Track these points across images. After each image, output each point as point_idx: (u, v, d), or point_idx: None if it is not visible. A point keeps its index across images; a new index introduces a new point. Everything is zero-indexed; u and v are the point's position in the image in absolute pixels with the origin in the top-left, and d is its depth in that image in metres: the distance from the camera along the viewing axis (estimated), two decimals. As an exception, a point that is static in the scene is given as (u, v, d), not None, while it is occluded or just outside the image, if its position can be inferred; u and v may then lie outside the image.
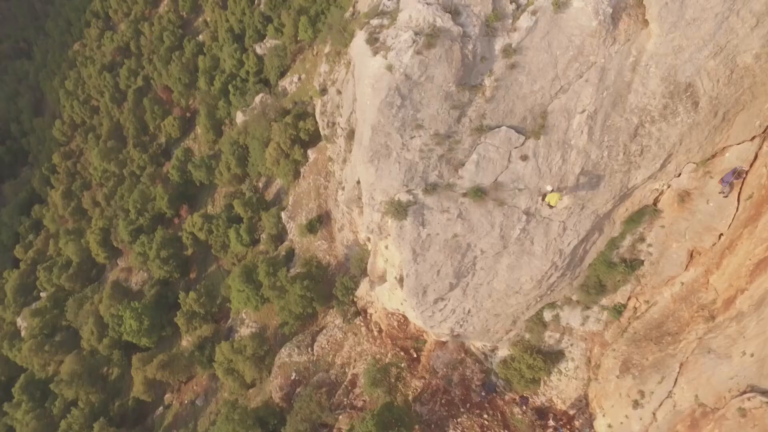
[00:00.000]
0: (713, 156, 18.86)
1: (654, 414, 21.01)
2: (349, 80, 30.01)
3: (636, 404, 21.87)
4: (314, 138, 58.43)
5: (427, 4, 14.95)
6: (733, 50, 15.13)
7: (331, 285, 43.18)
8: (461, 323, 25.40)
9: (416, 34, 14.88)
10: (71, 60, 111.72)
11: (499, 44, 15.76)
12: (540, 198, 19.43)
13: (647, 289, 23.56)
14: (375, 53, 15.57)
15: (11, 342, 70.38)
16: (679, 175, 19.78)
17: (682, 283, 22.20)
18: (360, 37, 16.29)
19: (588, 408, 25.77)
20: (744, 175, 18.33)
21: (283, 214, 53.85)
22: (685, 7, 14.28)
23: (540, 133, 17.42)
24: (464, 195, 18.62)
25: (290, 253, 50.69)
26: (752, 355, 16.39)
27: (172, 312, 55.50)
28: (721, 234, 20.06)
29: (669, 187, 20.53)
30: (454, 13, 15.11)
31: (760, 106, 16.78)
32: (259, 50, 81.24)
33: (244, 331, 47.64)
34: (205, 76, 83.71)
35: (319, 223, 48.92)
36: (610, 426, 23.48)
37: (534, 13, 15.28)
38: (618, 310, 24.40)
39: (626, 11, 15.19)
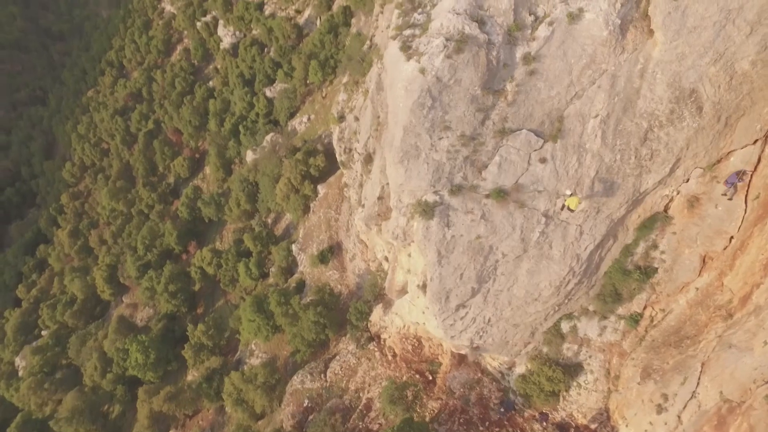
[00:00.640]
0: (719, 161, 20.27)
1: (679, 417, 21.18)
2: (367, 107, 31.97)
3: (660, 408, 22.06)
4: (324, 174, 60.40)
5: (457, 13, 16.82)
6: (731, 57, 16.86)
7: (344, 313, 43.52)
8: (481, 334, 25.86)
9: (447, 39, 16.67)
10: (84, 105, 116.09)
11: (519, 52, 17.55)
12: (560, 202, 20.65)
13: (662, 297, 24.29)
14: (408, 58, 17.31)
15: (8, 382, 69.13)
16: (688, 180, 21.12)
17: (697, 289, 22.99)
18: (393, 46, 18.07)
19: (610, 421, 25.74)
20: (747, 177, 19.63)
21: (293, 246, 54.76)
22: (686, 17, 16.12)
23: (557, 137, 18.90)
24: (487, 196, 19.85)
25: (301, 285, 51.17)
26: None
27: (179, 346, 55.24)
28: (732, 237, 21.12)
29: (678, 193, 21.81)
30: (480, 22, 16.96)
31: (760, 111, 18.34)
32: (269, 93, 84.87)
33: (254, 362, 47.31)
34: (216, 119, 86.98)
35: (331, 253, 49.81)
36: (635, 438, 23.48)
37: (551, 24, 17.17)
38: (635, 319, 24.98)
39: (633, 23, 17.07)
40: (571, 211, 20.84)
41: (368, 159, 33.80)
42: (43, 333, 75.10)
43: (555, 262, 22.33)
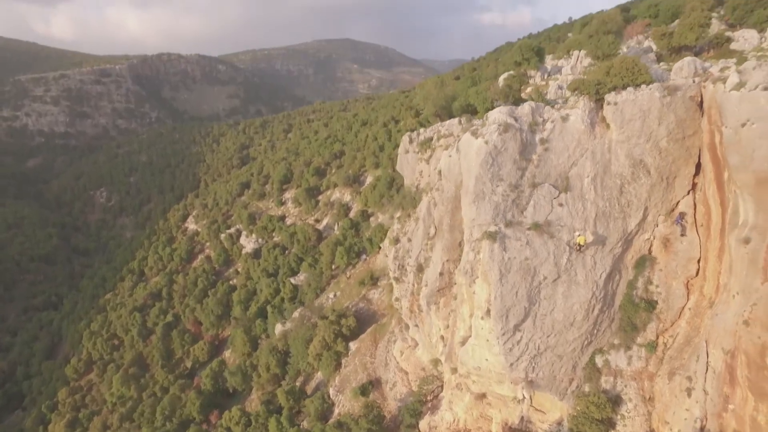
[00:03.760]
0: (672, 209, 32.97)
1: (704, 390, 28.11)
2: (419, 228, 45.23)
3: (689, 392, 28.86)
4: (354, 334, 69.66)
5: (502, 113, 31.82)
6: (655, 138, 31.27)
7: (389, 432, 47.80)
8: (533, 365, 33.31)
9: (498, 125, 31.07)
10: (101, 306, 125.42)
11: (537, 137, 31.89)
12: (573, 241, 32.20)
13: (667, 325, 33.26)
14: (477, 137, 31.37)
15: None
16: (657, 225, 33.31)
17: (690, 309, 32.44)
18: (467, 135, 32.49)
19: (657, 438, 31.04)
20: (686, 217, 32.04)
21: (330, 390, 59.93)
22: (624, 113, 31.07)
23: (567, 189, 31.77)
24: (528, 228, 31.42)
25: (337, 425, 54.78)
26: (737, 293, 26.64)
27: None
28: (699, 260, 32.09)
29: (655, 237, 33.63)
30: (515, 118, 31.78)
31: (684, 173, 31.99)
32: (293, 281, 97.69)
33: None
34: (241, 306, 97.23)
35: (371, 385, 55.64)
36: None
37: (552, 122, 32.02)
38: (652, 346, 33.16)
39: (597, 121, 32.05)
40: (581, 246, 32.23)
41: (419, 269, 45.22)
42: None
43: (581, 286, 32.36)
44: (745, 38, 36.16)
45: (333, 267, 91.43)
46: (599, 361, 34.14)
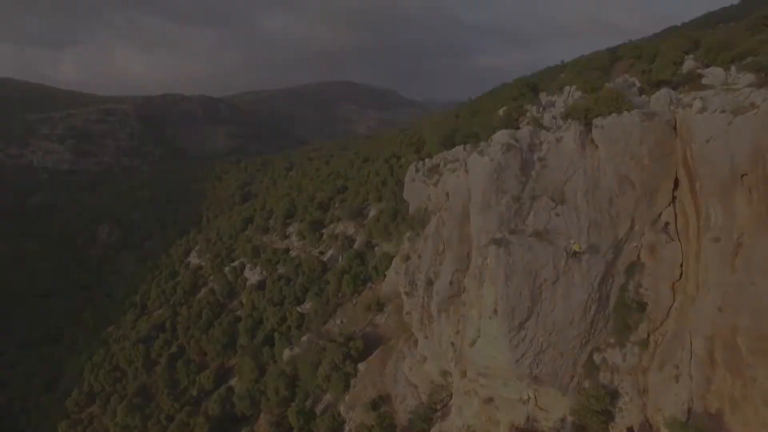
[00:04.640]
0: (656, 220, 37.85)
1: (690, 375, 32.12)
2: (428, 245, 49.96)
3: (677, 378, 32.84)
4: (363, 355, 73.09)
5: (505, 134, 37.24)
6: (637, 156, 36.49)
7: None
8: (537, 361, 37.28)
9: (502, 145, 36.38)
10: (102, 339, 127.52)
11: (536, 155, 37.13)
12: (570, 248, 36.90)
13: (657, 324, 37.48)
14: (483, 156, 36.65)
15: None
16: (644, 234, 38.11)
17: (676, 308, 36.75)
18: (474, 154, 37.81)
19: (652, 428, 34.61)
20: (670, 226, 36.86)
21: (341, 407, 62.92)
22: (610, 135, 36.47)
23: (563, 201, 36.73)
24: (530, 235, 36.23)
25: (348, 440, 57.62)
26: (712, 286, 31.13)
27: None
28: (682, 264, 36.69)
29: (642, 245, 38.35)
30: (516, 140, 37.16)
31: (664, 187, 37.14)
32: (300, 309, 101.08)
33: None
34: (247, 334, 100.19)
35: (382, 401, 58.83)
36: (672, 416, 32.81)
37: (548, 143, 37.33)
38: (644, 344, 37.25)
39: (587, 143, 37.43)
40: (577, 252, 36.88)
41: (429, 282, 49.64)
42: None
43: (578, 288, 36.79)
44: (714, 75, 42.21)
45: (339, 295, 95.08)
46: (597, 358, 38.14)
